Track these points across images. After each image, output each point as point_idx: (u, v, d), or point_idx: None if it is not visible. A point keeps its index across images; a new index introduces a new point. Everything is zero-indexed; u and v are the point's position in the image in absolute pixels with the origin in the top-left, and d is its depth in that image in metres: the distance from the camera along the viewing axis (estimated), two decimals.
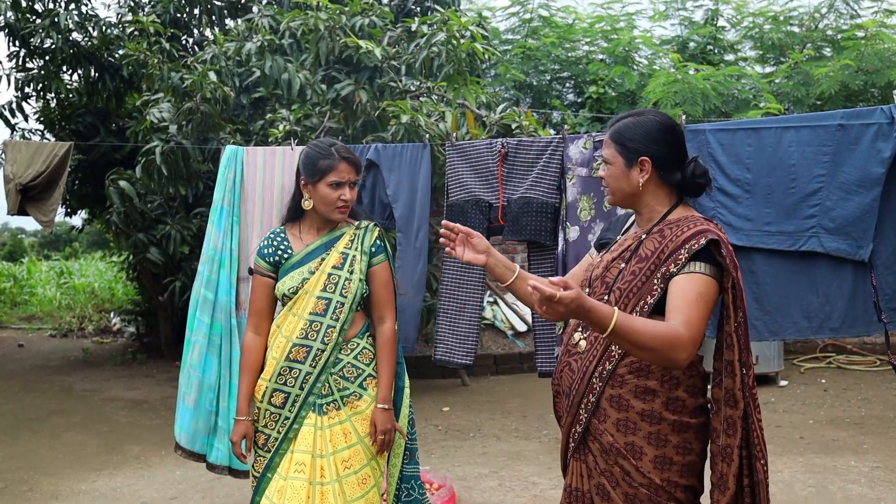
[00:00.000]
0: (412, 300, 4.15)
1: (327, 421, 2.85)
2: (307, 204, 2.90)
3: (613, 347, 2.21)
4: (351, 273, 2.89)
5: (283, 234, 2.99)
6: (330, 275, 2.88)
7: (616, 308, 1.94)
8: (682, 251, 2.14)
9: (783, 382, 7.92)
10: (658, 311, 2.18)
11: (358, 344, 2.93)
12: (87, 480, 5.34)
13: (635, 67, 9.67)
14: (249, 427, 2.92)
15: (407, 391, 3.07)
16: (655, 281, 2.16)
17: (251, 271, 3.04)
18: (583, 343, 2.30)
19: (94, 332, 12.96)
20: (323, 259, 2.90)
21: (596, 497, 2.23)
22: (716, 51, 10.02)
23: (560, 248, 3.81)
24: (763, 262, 3.50)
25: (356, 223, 3.00)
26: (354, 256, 2.92)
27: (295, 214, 3.00)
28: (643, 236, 2.27)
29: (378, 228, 3.02)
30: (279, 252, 2.95)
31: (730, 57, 10.05)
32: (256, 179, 4.13)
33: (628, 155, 2.28)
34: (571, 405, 2.29)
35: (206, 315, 3.90)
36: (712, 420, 2.20)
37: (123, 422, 6.95)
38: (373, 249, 2.96)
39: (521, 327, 9.42)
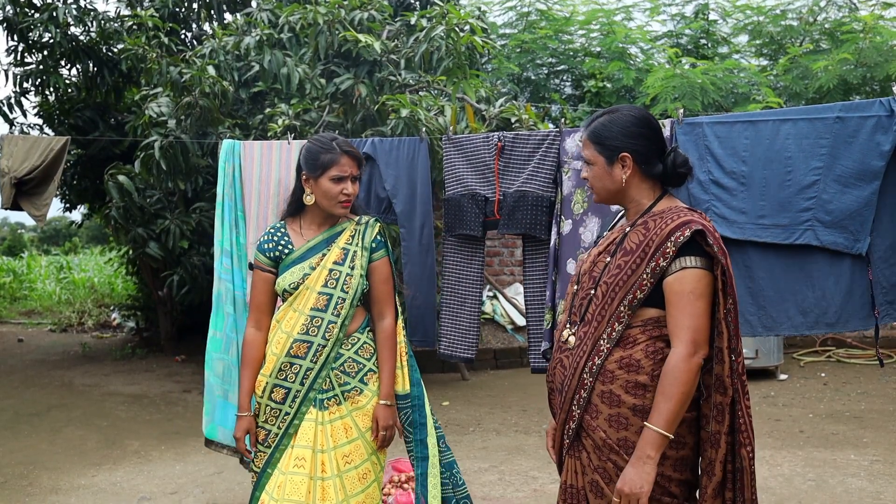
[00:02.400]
0: (424, 295, 4.15)
1: (328, 416, 2.85)
2: (309, 199, 2.90)
3: (602, 342, 2.22)
4: (352, 269, 2.88)
5: (283, 229, 2.98)
6: (331, 270, 2.87)
7: (647, 425, 2.12)
8: (668, 244, 2.15)
9: (783, 376, 7.92)
10: (648, 304, 2.19)
11: (359, 339, 2.92)
12: (86, 475, 5.34)
13: (632, 63, 9.66)
14: (252, 422, 2.92)
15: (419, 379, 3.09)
16: (644, 276, 2.17)
17: (251, 266, 3.03)
18: (571, 339, 2.32)
19: (94, 327, 12.96)
20: (324, 255, 2.89)
21: (590, 494, 2.24)
22: (708, 45, 10.01)
23: (553, 241, 3.79)
24: (758, 257, 3.48)
25: (356, 218, 2.99)
26: (355, 252, 2.91)
27: (295, 209, 2.99)
28: (627, 229, 2.29)
29: (379, 224, 3.01)
30: (279, 247, 2.94)
31: (723, 50, 10.04)
32: (253, 174, 4.12)
33: (608, 153, 2.31)
34: (564, 401, 2.29)
35: (231, 308, 3.92)
36: (702, 407, 2.21)
37: (123, 417, 6.95)
38: (373, 245, 2.95)
39: (521, 321, 9.41)
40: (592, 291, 2.28)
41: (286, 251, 2.93)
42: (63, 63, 8.83)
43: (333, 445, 2.83)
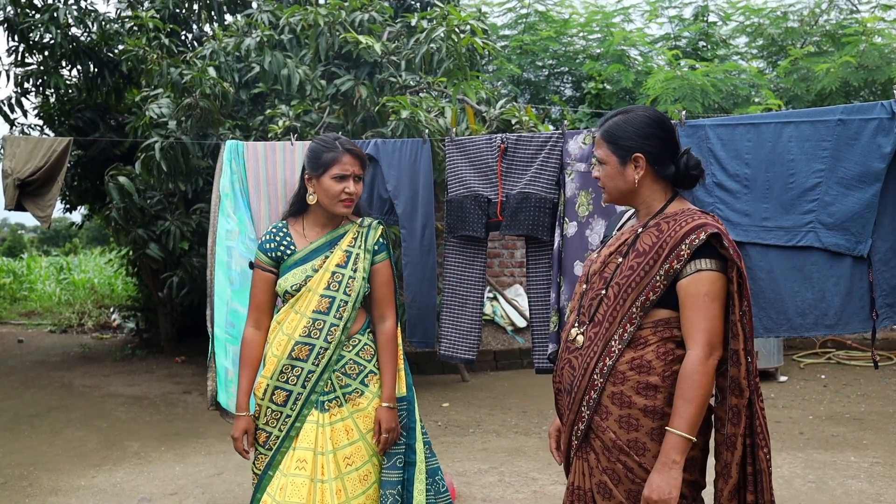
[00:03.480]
0: (424, 296, 4.15)
1: (329, 418, 2.84)
2: (312, 198, 2.89)
3: (613, 343, 2.22)
4: (355, 271, 2.87)
5: (285, 230, 2.97)
6: (334, 273, 2.86)
7: (669, 430, 2.11)
8: (683, 246, 2.14)
9: (783, 378, 7.92)
10: (659, 305, 2.19)
11: (360, 340, 2.91)
12: (86, 476, 5.34)
13: (631, 65, 9.67)
14: (250, 422, 2.91)
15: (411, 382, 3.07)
16: (658, 277, 2.17)
17: (252, 265, 3.02)
18: (580, 339, 2.31)
19: (94, 328, 12.96)
20: (326, 257, 2.88)
21: (597, 496, 2.24)
22: (707, 47, 10.02)
23: (556, 244, 3.80)
24: (759, 258, 3.49)
25: (359, 220, 2.98)
26: (358, 255, 2.90)
27: (298, 210, 2.98)
28: (640, 230, 2.28)
29: (382, 226, 3.00)
30: (281, 247, 2.93)
31: (722, 52, 10.05)
32: (259, 175, 4.13)
33: (622, 153, 2.30)
34: (573, 402, 2.29)
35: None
36: (716, 409, 2.21)
37: (123, 418, 6.95)
38: (376, 247, 2.94)
39: (521, 323, 9.42)
40: (603, 292, 2.27)
41: (288, 251, 2.92)
42: (63, 64, 8.83)
43: (334, 447, 2.82)
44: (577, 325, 2.35)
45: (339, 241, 2.92)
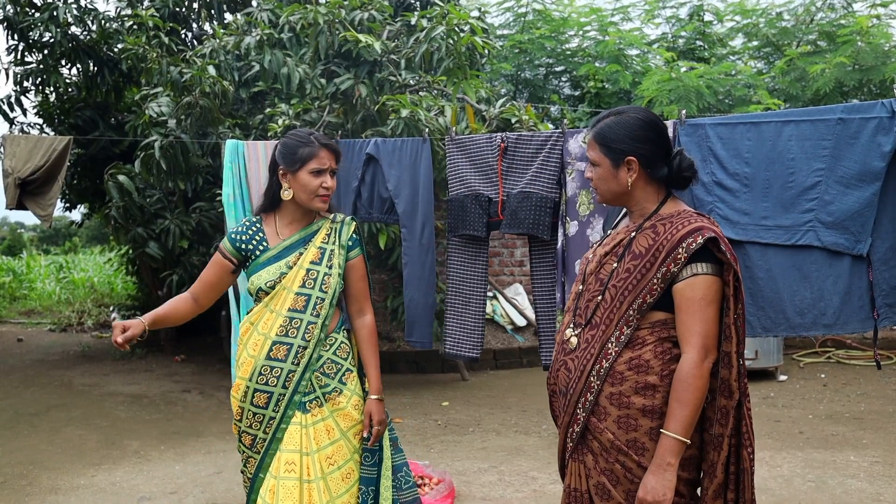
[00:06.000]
0: (423, 295, 4.15)
1: (310, 418, 2.82)
2: (287, 194, 2.84)
3: (610, 345, 2.21)
4: (330, 268, 2.85)
5: (258, 225, 2.93)
6: (308, 270, 2.83)
7: (664, 433, 2.12)
8: (680, 250, 2.14)
9: (782, 377, 7.93)
10: (655, 307, 2.19)
11: (336, 339, 2.89)
12: (86, 475, 5.34)
13: (629, 65, 9.66)
14: (139, 327, 2.88)
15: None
16: (655, 280, 2.17)
17: (217, 248, 3.00)
18: (574, 340, 2.30)
19: (94, 327, 12.95)
20: (300, 254, 2.85)
21: (595, 497, 2.23)
22: (704, 46, 10.01)
23: (560, 243, 3.80)
24: (758, 257, 3.49)
25: (331, 217, 2.95)
26: (333, 251, 2.88)
27: (269, 206, 2.95)
28: (634, 232, 2.27)
29: (355, 223, 2.98)
30: (252, 243, 2.89)
31: (719, 51, 10.05)
32: (260, 174, 4.13)
33: (614, 156, 2.28)
34: (568, 404, 2.28)
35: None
36: (707, 409, 2.21)
37: (123, 416, 6.95)
38: (349, 243, 2.92)
39: (521, 322, 9.42)
40: (600, 297, 2.27)
41: (260, 248, 2.88)
42: (63, 62, 8.84)
43: (317, 448, 2.80)
44: (572, 326, 2.35)
45: (312, 238, 2.89)
